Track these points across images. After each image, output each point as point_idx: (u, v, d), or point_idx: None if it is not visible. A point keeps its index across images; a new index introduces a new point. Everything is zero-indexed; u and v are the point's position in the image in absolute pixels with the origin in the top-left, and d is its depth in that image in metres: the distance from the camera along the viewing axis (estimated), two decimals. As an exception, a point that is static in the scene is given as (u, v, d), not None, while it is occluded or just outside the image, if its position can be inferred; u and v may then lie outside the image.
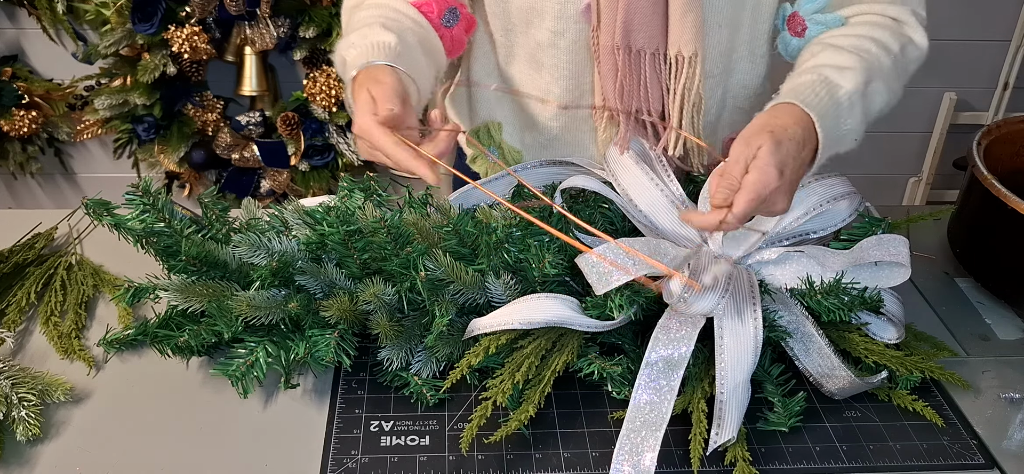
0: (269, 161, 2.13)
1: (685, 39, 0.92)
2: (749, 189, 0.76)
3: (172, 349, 0.84)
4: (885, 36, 0.93)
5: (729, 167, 0.77)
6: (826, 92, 0.84)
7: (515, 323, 0.80)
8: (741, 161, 0.77)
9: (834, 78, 0.86)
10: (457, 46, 1.02)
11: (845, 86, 0.85)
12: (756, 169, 0.76)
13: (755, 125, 0.80)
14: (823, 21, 0.96)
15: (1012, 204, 0.93)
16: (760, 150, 0.77)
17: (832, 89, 0.85)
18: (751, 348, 0.79)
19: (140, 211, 0.86)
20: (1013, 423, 0.84)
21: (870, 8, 0.96)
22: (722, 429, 0.76)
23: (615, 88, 0.96)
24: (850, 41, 0.92)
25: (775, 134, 0.78)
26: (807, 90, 0.84)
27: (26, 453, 0.76)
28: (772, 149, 0.77)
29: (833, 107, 0.84)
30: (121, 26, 1.94)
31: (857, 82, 0.86)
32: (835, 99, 0.84)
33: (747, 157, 0.77)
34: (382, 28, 0.89)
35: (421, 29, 0.95)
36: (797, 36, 0.98)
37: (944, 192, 2.50)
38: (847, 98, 0.85)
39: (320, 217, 0.88)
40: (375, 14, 0.93)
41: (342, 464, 0.76)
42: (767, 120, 0.81)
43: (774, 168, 0.76)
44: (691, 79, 0.95)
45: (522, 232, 0.86)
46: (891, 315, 0.87)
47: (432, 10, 0.97)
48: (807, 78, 0.86)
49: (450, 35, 0.99)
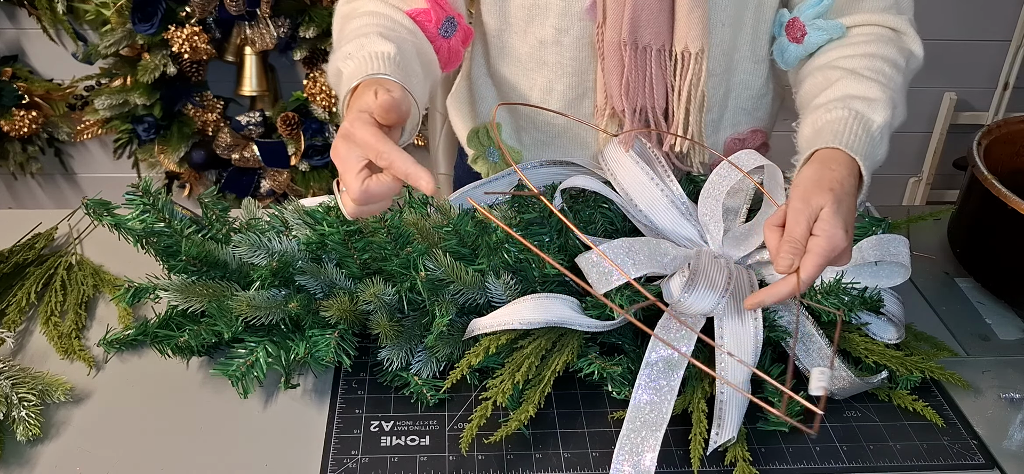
0: (269, 161, 2.13)
1: (692, 35, 0.93)
2: (819, 254, 0.73)
3: (172, 349, 0.84)
4: (893, 53, 0.93)
5: (792, 229, 0.74)
6: (862, 129, 0.83)
7: (515, 323, 0.80)
8: (803, 222, 0.74)
9: (866, 112, 0.85)
10: (454, 58, 0.98)
11: (877, 120, 0.85)
12: (824, 234, 0.73)
13: (811, 180, 0.78)
14: (824, 27, 0.95)
15: (1012, 204, 0.93)
16: (824, 211, 0.75)
17: (866, 124, 0.84)
18: (751, 348, 0.79)
19: (140, 211, 0.86)
20: (1013, 423, 0.84)
21: (870, 17, 0.96)
22: (722, 429, 0.76)
23: (620, 85, 0.96)
24: (866, 64, 0.91)
25: (835, 192, 0.76)
26: (845, 130, 0.83)
27: (26, 453, 0.76)
28: (835, 209, 0.75)
29: (870, 144, 0.83)
30: (121, 26, 1.94)
31: (887, 115, 0.86)
32: (870, 134, 0.84)
33: (809, 217, 0.74)
34: (380, 37, 0.83)
35: (417, 40, 0.91)
36: (796, 42, 0.97)
37: (944, 192, 2.50)
38: (880, 132, 0.85)
39: (320, 217, 0.88)
40: (371, 23, 0.88)
41: (342, 464, 0.76)
42: (822, 173, 0.78)
43: (841, 229, 0.74)
44: (697, 75, 0.95)
45: (522, 232, 0.86)
46: (891, 315, 0.87)
47: (429, 20, 0.93)
48: (839, 114, 0.84)
49: (447, 46, 0.95)
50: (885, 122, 0.85)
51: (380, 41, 0.82)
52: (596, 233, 0.93)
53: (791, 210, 0.75)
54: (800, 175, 0.80)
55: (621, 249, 0.82)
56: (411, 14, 0.93)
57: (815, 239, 0.74)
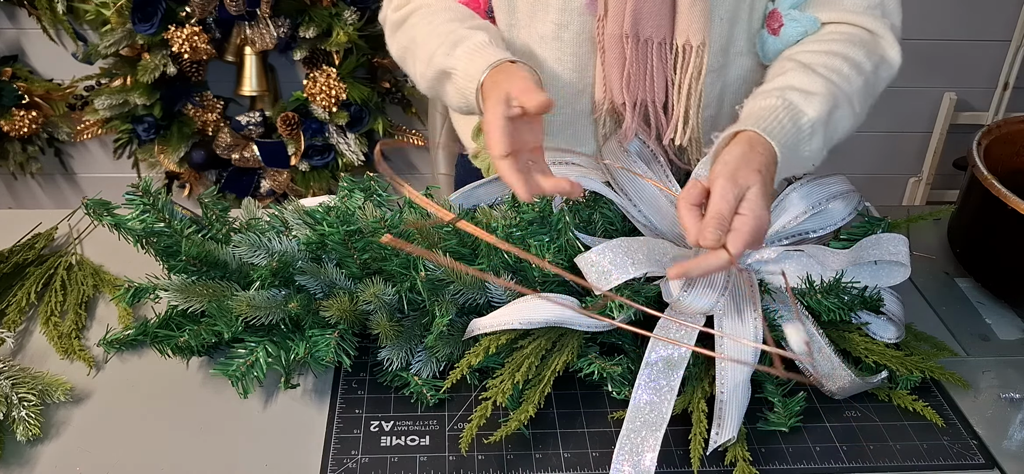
0: (269, 161, 2.13)
1: (694, 28, 0.93)
2: (746, 232, 0.74)
3: (172, 349, 0.84)
4: (859, 55, 0.92)
5: (719, 206, 0.75)
6: (789, 119, 0.83)
7: (515, 323, 0.80)
8: (731, 199, 0.75)
9: (798, 104, 0.85)
10: None
11: (808, 113, 0.84)
12: (752, 214, 0.74)
13: (738, 159, 0.78)
14: (799, 19, 0.95)
15: (1012, 204, 0.93)
16: (751, 191, 0.76)
17: (795, 115, 0.84)
18: (751, 349, 0.79)
19: (140, 211, 0.86)
20: (1013, 423, 0.84)
21: (847, 15, 0.95)
22: (722, 429, 0.76)
23: (621, 78, 0.96)
24: (821, 60, 0.90)
25: (762, 174, 0.77)
26: (770, 117, 0.83)
27: (26, 453, 0.76)
28: (762, 190, 0.76)
29: (794, 134, 0.83)
30: (121, 26, 1.94)
31: (820, 110, 0.85)
32: (797, 125, 0.84)
33: (737, 196, 0.75)
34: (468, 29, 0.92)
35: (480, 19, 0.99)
36: (773, 34, 0.97)
37: (944, 192, 2.49)
38: (809, 125, 0.84)
39: (320, 217, 0.88)
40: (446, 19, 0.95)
41: (342, 464, 0.76)
42: (749, 156, 0.79)
43: (766, 210, 0.76)
44: (698, 69, 0.95)
45: (522, 232, 0.86)
46: (891, 315, 0.87)
47: (478, 6, 1.00)
48: (771, 102, 0.85)
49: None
50: (818, 117, 0.84)
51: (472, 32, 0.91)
52: (595, 233, 0.93)
53: (718, 187, 0.76)
54: (727, 153, 0.80)
55: (621, 249, 0.82)
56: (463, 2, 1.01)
57: (742, 218, 0.75)
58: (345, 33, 1.97)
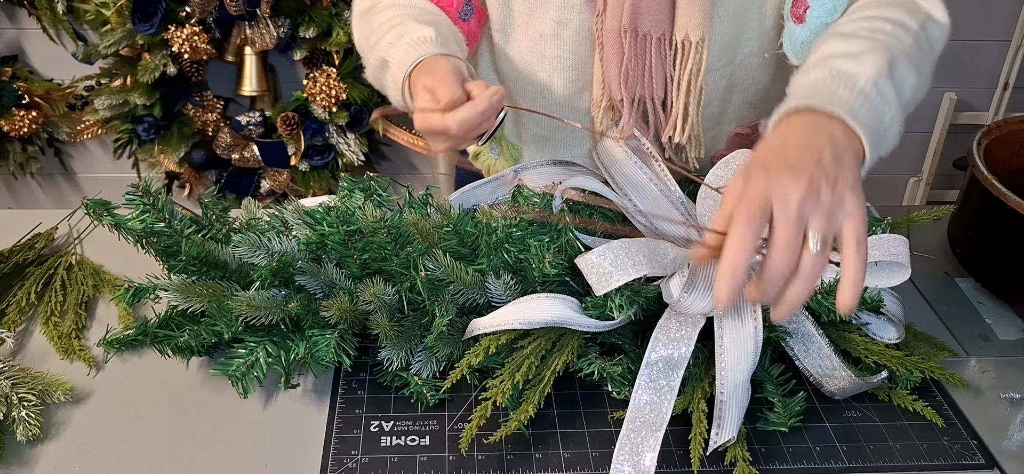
0: (269, 161, 2.13)
1: (693, 23, 0.92)
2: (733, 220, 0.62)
3: (172, 349, 0.84)
4: (900, 15, 0.82)
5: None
6: (844, 87, 0.70)
7: (515, 323, 0.80)
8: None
9: (849, 69, 0.72)
10: (472, 40, 1.02)
11: (865, 72, 0.71)
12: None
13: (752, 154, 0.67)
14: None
15: (1012, 204, 0.93)
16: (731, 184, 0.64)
17: (850, 81, 0.71)
18: (751, 348, 0.79)
19: (140, 211, 0.86)
20: (1013, 423, 0.84)
21: None
22: (722, 429, 0.76)
23: (619, 73, 0.96)
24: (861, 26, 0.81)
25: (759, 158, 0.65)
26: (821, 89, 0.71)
27: (26, 453, 0.76)
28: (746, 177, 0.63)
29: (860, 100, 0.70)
30: (121, 26, 1.94)
31: (878, 65, 0.72)
32: (858, 89, 0.70)
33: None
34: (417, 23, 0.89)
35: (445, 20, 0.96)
36: (800, 22, 0.89)
37: (944, 192, 2.50)
38: (871, 85, 0.71)
39: (320, 217, 0.88)
40: (401, 13, 0.93)
41: (342, 464, 0.76)
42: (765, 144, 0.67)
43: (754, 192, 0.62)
44: (697, 65, 0.95)
45: (522, 232, 0.86)
46: (891, 315, 0.87)
47: (451, 4, 0.98)
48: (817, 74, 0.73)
49: (467, 28, 1.00)
50: (877, 73, 0.71)
51: (418, 27, 0.88)
52: (596, 233, 0.93)
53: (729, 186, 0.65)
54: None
55: (621, 249, 0.82)
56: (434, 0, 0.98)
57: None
58: (345, 33, 1.98)
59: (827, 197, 0.61)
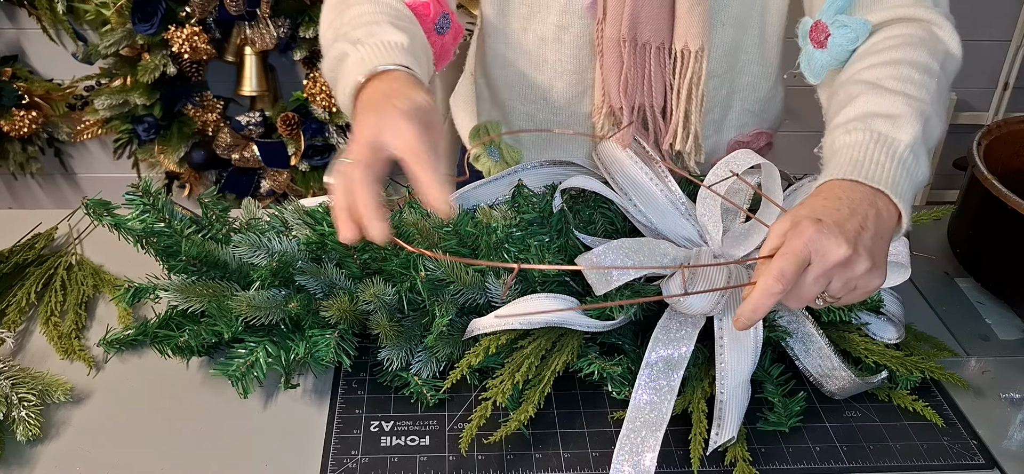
0: (269, 161, 2.13)
1: (692, 33, 0.92)
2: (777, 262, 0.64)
3: (172, 349, 0.84)
4: (924, 57, 0.82)
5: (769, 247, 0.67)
6: (886, 155, 0.73)
7: (515, 323, 0.80)
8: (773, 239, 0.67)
9: (889, 133, 0.74)
10: (444, 56, 0.95)
11: (903, 139, 0.73)
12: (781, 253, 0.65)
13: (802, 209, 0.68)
14: (849, 24, 0.86)
15: (1012, 204, 0.93)
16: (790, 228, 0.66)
17: (891, 148, 0.73)
18: (751, 348, 0.79)
19: (140, 211, 0.86)
20: (1013, 423, 0.84)
21: (897, 11, 0.86)
22: (722, 429, 0.76)
23: (619, 82, 0.96)
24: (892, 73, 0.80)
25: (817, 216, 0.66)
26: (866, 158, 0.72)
27: (26, 453, 0.76)
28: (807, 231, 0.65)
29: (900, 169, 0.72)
30: (121, 26, 1.94)
31: (914, 131, 0.74)
32: (898, 157, 0.73)
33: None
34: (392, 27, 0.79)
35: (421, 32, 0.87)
36: (821, 47, 0.88)
37: (944, 192, 2.50)
38: (910, 152, 0.73)
39: (320, 217, 0.88)
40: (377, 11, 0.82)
41: (342, 464, 0.76)
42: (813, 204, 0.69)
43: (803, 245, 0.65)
44: (697, 74, 0.94)
45: (522, 232, 0.86)
46: (891, 315, 0.87)
47: (428, 13, 0.89)
48: (858, 137, 0.74)
49: (441, 42, 0.93)
50: (913, 138, 0.74)
51: (393, 30, 0.78)
52: (596, 233, 0.93)
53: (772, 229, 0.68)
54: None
55: (621, 249, 0.82)
56: (411, 6, 0.89)
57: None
58: (345, 33, 1.97)
59: (861, 270, 0.66)
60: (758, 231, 0.89)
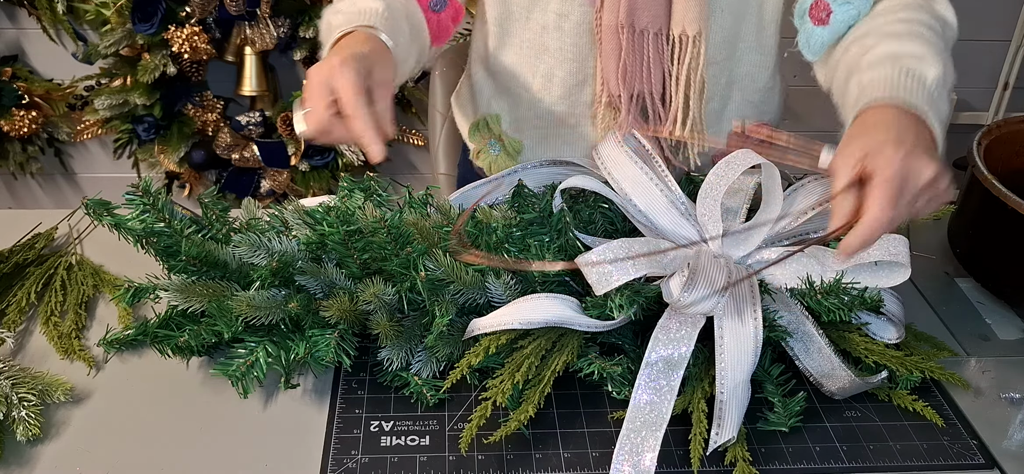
0: (269, 161, 2.13)
1: (689, 17, 0.92)
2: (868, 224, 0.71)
3: (172, 349, 0.84)
4: (928, 18, 0.87)
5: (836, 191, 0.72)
6: (917, 85, 0.76)
7: (515, 323, 0.80)
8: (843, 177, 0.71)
9: (917, 69, 0.78)
10: (442, 33, 1.00)
11: (930, 74, 0.78)
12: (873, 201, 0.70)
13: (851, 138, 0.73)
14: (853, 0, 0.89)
15: (1012, 204, 0.93)
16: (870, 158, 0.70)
17: (920, 79, 0.77)
18: (751, 348, 0.79)
19: (140, 211, 0.86)
20: (1013, 423, 0.84)
21: None
22: (722, 429, 0.76)
23: (617, 69, 0.96)
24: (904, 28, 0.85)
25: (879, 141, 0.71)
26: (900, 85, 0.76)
27: (26, 453, 0.76)
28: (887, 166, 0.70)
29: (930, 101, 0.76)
30: (121, 26, 1.94)
31: (939, 70, 0.79)
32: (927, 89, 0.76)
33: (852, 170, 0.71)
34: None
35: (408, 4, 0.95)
36: (821, 24, 0.91)
37: (944, 192, 2.49)
38: (936, 87, 0.78)
39: (320, 217, 0.88)
40: None
41: (342, 464, 0.76)
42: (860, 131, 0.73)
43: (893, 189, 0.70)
44: (695, 59, 0.94)
45: (522, 232, 0.86)
46: (891, 315, 0.87)
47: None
48: (887, 72, 0.78)
49: (437, 20, 0.98)
50: (938, 77, 0.78)
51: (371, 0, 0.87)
52: (596, 233, 0.93)
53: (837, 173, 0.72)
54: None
55: (621, 249, 0.82)
56: None
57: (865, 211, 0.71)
58: (345, 33, 1.97)
59: (944, 184, 0.72)
60: (758, 231, 0.89)
